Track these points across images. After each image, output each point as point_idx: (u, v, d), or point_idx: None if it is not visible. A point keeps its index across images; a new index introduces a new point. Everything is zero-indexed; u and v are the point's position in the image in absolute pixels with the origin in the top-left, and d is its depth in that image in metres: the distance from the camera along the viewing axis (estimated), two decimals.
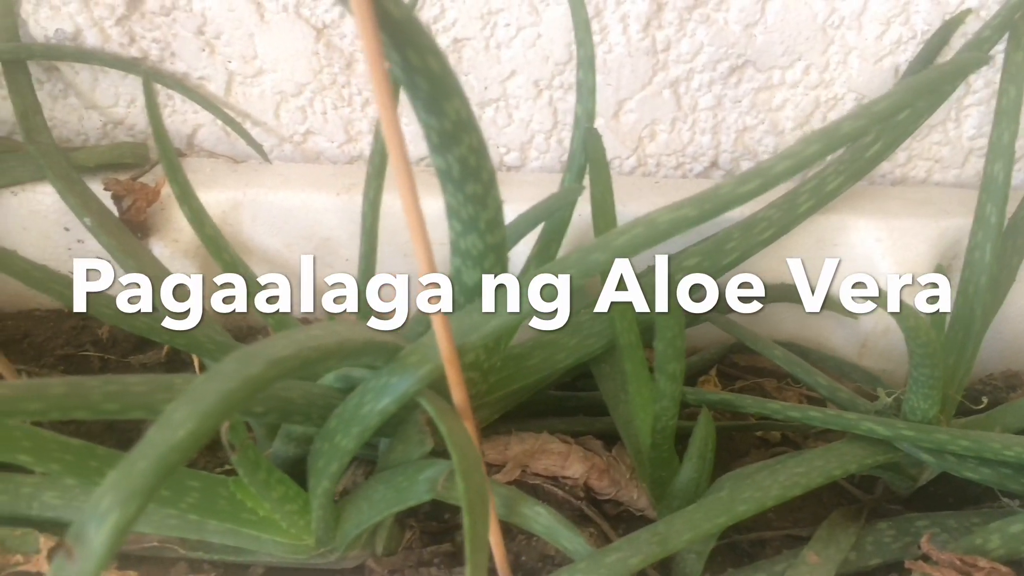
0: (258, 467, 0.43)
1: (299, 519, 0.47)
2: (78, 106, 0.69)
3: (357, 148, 0.71)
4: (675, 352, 0.45)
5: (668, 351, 0.45)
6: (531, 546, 0.53)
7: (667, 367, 0.45)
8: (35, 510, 0.49)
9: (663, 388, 0.46)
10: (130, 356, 0.66)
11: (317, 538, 0.48)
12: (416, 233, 0.35)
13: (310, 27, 0.64)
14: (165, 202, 0.65)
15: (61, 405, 0.35)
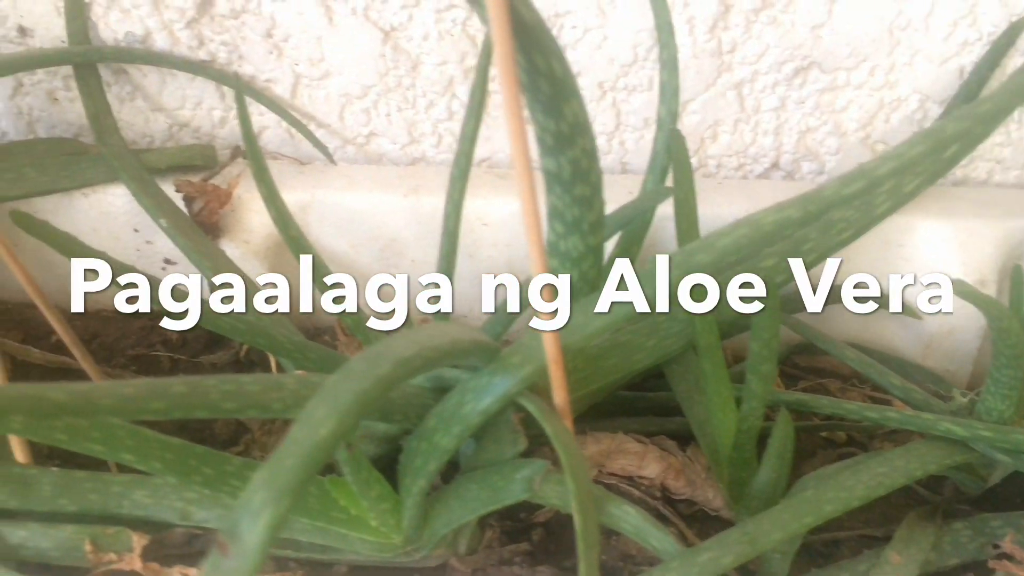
0: (361, 466, 0.43)
1: (390, 518, 0.48)
2: (144, 108, 0.70)
3: (419, 150, 0.71)
4: (770, 353, 0.45)
5: (763, 352, 0.45)
6: (611, 545, 0.54)
7: (760, 368, 0.46)
8: (125, 508, 0.50)
9: (754, 388, 0.46)
10: (200, 356, 0.66)
11: (406, 536, 0.49)
12: (533, 235, 0.35)
13: (378, 30, 0.65)
14: (235, 204, 0.65)
15: (183, 404, 0.36)
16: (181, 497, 0.50)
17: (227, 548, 0.28)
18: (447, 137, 0.70)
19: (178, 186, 0.64)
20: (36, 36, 0.67)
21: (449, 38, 0.65)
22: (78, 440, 0.42)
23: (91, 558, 0.48)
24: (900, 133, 0.68)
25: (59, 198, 0.65)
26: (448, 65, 0.66)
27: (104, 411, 0.34)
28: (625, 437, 0.57)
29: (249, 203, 0.66)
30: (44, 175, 0.64)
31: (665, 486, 0.56)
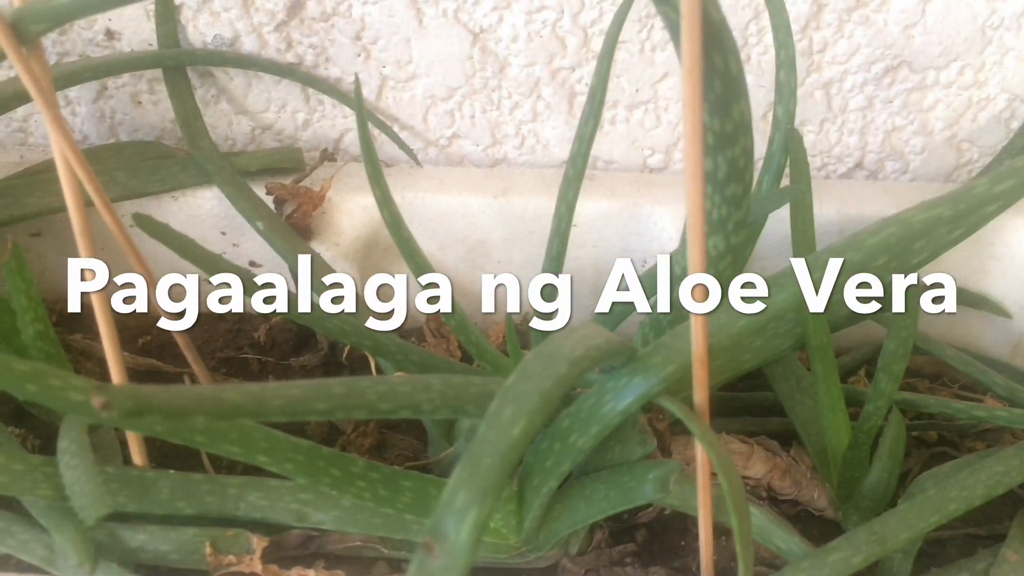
0: None
1: (513, 518, 0.48)
2: (228, 112, 0.70)
3: (501, 151, 0.71)
4: (905, 352, 0.45)
5: (899, 350, 0.45)
6: (721, 546, 0.54)
7: (893, 367, 0.45)
8: (242, 511, 0.49)
9: (883, 387, 0.46)
10: (289, 358, 0.66)
11: (525, 537, 0.49)
12: (697, 233, 0.35)
13: (467, 31, 0.65)
14: (325, 206, 0.65)
15: (344, 404, 0.36)
16: (296, 499, 0.50)
17: (433, 548, 0.28)
18: (530, 139, 0.70)
19: (270, 188, 0.64)
20: (123, 39, 0.67)
21: (538, 39, 0.65)
22: (217, 442, 0.42)
23: (211, 560, 0.48)
24: (987, 133, 0.68)
25: (148, 201, 0.65)
26: (536, 67, 0.66)
27: (274, 412, 0.34)
28: (729, 437, 0.57)
29: (339, 205, 0.66)
30: (135, 178, 0.64)
31: (771, 486, 0.56)
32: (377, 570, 0.51)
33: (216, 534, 0.48)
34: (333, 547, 0.51)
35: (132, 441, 0.49)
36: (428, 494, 0.48)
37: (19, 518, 0.48)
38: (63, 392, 0.37)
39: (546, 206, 0.66)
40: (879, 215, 0.65)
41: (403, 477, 0.48)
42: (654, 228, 0.66)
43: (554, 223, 0.52)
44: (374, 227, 0.67)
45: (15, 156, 0.69)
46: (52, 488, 0.46)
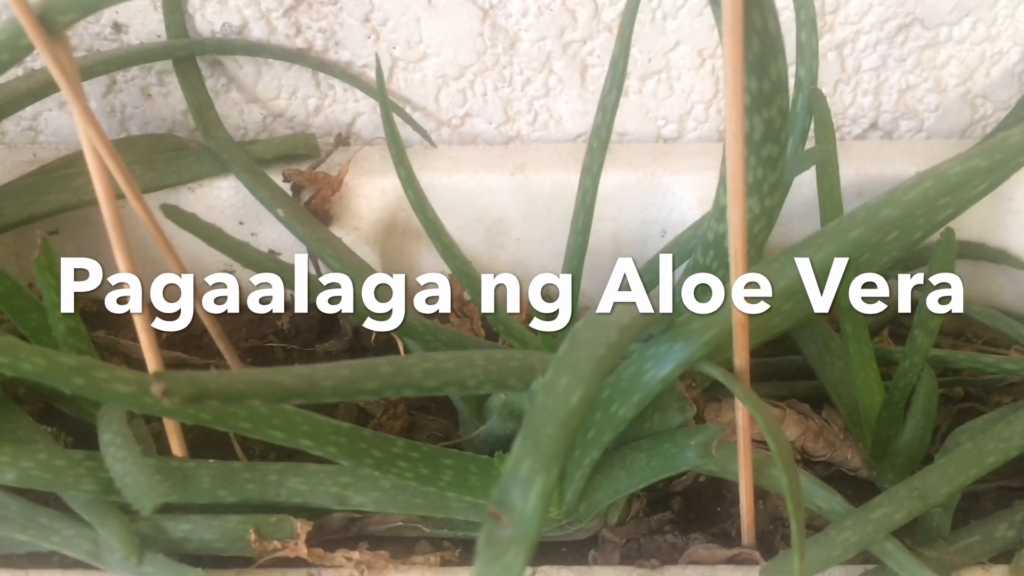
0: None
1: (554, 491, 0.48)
2: (239, 100, 0.69)
3: (514, 128, 0.71)
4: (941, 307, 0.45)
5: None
6: (759, 508, 0.54)
7: (929, 322, 0.46)
8: (283, 496, 0.50)
9: (919, 344, 0.46)
10: (314, 345, 0.66)
11: (566, 510, 0.49)
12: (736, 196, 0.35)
13: (477, 8, 0.65)
14: (343, 191, 0.65)
15: (392, 383, 0.36)
16: (336, 482, 0.50)
17: (501, 518, 0.28)
18: (543, 114, 0.70)
19: (287, 175, 0.64)
20: (131, 32, 0.66)
21: (548, 13, 0.65)
22: (261, 428, 0.42)
23: (255, 547, 0.48)
24: (1001, 87, 0.68)
25: (165, 193, 0.65)
26: (546, 41, 0.66)
27: (325, 393, 0.34)
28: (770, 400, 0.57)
29: (356, 190, 0.66)
30: (151, 171, 0.64)
31: (804, 449, 0.56)
32: (419, 549, 0.52)
33: (259, 521, 0.48)
34: (375, 528, 0.51)
35: (171, 432, 0.49)
36: (468, 471, 0.49)
37: (62, 515, 0.48)
38: (109, 384, 0.37)
39: (564, 181, 0.66)
40: (898, 175, 0.65)
41: (443, 455, 0.48)
42: (673, 198, 0.66)
43: (579, 196, 0.52)
44: (392, 210, 0.66)
45: (28, 155, 0.69)
46: (95, 482, 0.46)
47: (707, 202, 0.65)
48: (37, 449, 0.45)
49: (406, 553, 0.51)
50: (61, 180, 0.61)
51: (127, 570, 0.46)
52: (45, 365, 0.36)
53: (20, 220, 0.59)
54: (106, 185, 0.41)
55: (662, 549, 0.52)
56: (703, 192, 0.65)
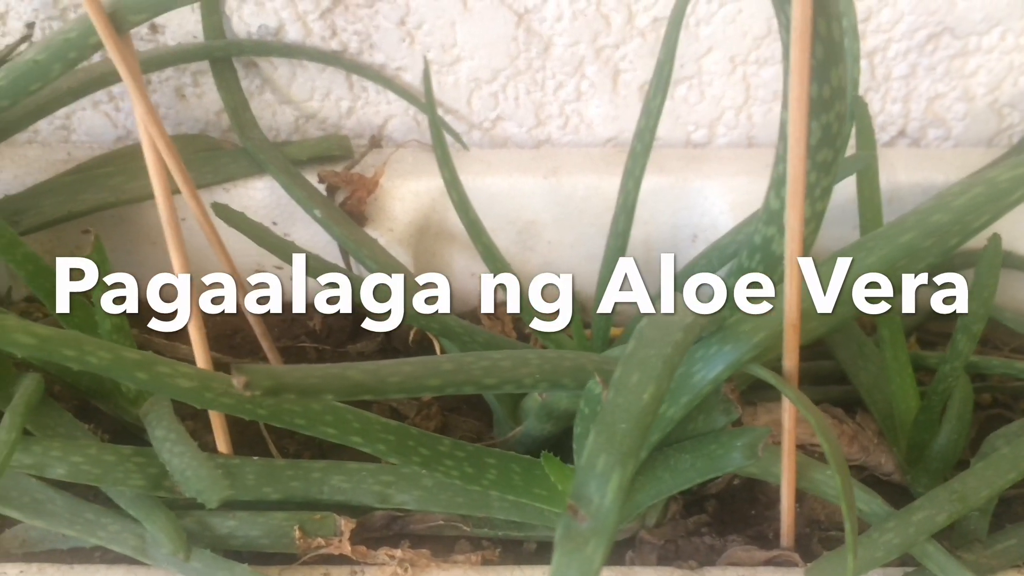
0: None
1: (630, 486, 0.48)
2: (273, 102, 0.70)
3: (545, 132, 0.71)
4: (985, 312, 0.45)
5: (980, 310, 0.46)
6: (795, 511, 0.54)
7: (972, 327, 0.46)
8: (325, 494, 0.50)
9: (960, 348, 0.47)
10: (346, 345, 0.66)
11: None
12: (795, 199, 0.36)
13: (512, 12, 0.65)
14: (377, 192, 0.65)
15: (453, 380, 0.36)
16: (378, 480, 0.50)
17: (578, 512, 0.28)
18: (574, 118, 0.70)
19: (322, 176, 0.64)
20: (167, 33, 0.67)
21: (582, 18, 0.65)
22: (314, 424, 0.42)
23: (300, 544, 0.48)
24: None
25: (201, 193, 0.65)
26: (579, 45, 0.67)
27: (392, 389, 0.34)
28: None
29: (390, 191, 0.66)
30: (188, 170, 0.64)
31: None
32: (459, 548, 0.52)
33: (304, 518, 0.49)
34: (415, 527, 0.51)
35: (217, 429, 0.49)
36: (511, 470, 0.49)
37: (107, 510, 0.48)
38: (172, 379, 0.37)
39: (597, 185, 0.67)
40: (927, 182, 0.66)
41: (487, 454, 0.48)
42: (705, 203, 0.67)
43: (620, 199, 0.52)
44: (425, 212, 0.67)
45: (62, 154, 0.69)
46: (144, 478, 0.46)
47: (740, 207, 0.65)
48: (87, 444, 0.46)
49: (446, 552, 0.51)
50: (99, 179, 0.62)
51: (174, 566, 0.46)
52: (111, 360, 0.36)
53: (58, 218, 0.60)
54: (163, 182, 0.42)
55: (700, 551, 0.52)
56: (735, 197, 0.66)
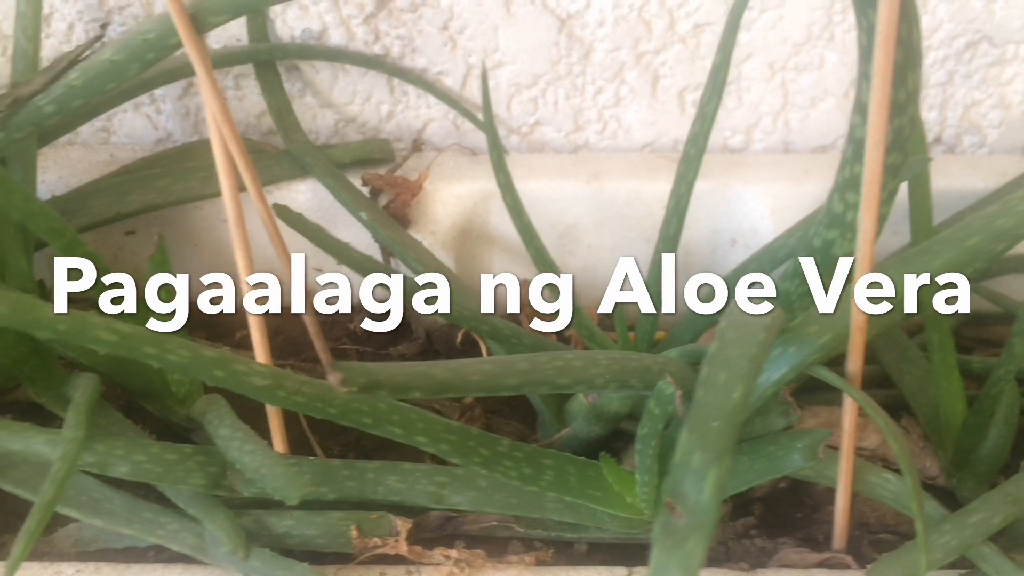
0: (652, 444, 0.44)
1: (652, 493, 0.48)
2: (314, 105, 0.70)
3: (583, 137, 0.72)
4: None
5: None
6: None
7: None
8: (380, 494, 0.50)
9: (1016, 351, 0.47)
10: (388, 348, 0.67)
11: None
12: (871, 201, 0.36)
13: (555, 18, 0.66)
14: (420, 195, 0.66)
15: (529, 380, 0.37)
16: (432, 481, 0.50)
17: (675, 508, 0.28)
18: (612, 123, 0.71)
19: (366, 179, 0.64)
20: (211, 35, 0.67)
21: (624, 24, 0.66)
22: (381, 423, 0.43)
23: (356, 543, 0.48)
24: None
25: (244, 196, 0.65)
26: (620, 51, 0.67)
27: (473, 387, 0.34)
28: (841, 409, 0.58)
29: (432, 194, 0.66)
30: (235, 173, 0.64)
31: (884, 456, 0.57)
32: (512, 549, 0.52)
33: (360, 517, 0.49)
34: (469, 528, 0.52)
35: (275, 430, 0.49)
36: (567, 472, 0.49)
37: (165, 509, 0.48)
38: (247, 377, 0.38)
39: (638, 190, 0.67)
40: (966, 188, 0.66)
41: (543, 456, 0.49)
42: (745, 208, 0.67)
43: (671, 202, 0.53)
44: (467, 215, 0.67)
45: (104, 155, 0.69)
46: (204, 477, 0.46)
47: (781, 212, 0.66)
48: (148, 443, 0.46)
49: (498, 552, 0.51)
50: (145, 180, 0.62)
51: (233, 564, 0.46)
52: (190, 357, 0.37)
53: (107, 219, 0.60)
54: (232, 181, 0.42)
55: (750, 553, 0.52)
56: (776, 202, 0.66)
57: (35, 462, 0.49)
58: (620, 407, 0.53)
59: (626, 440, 0.58)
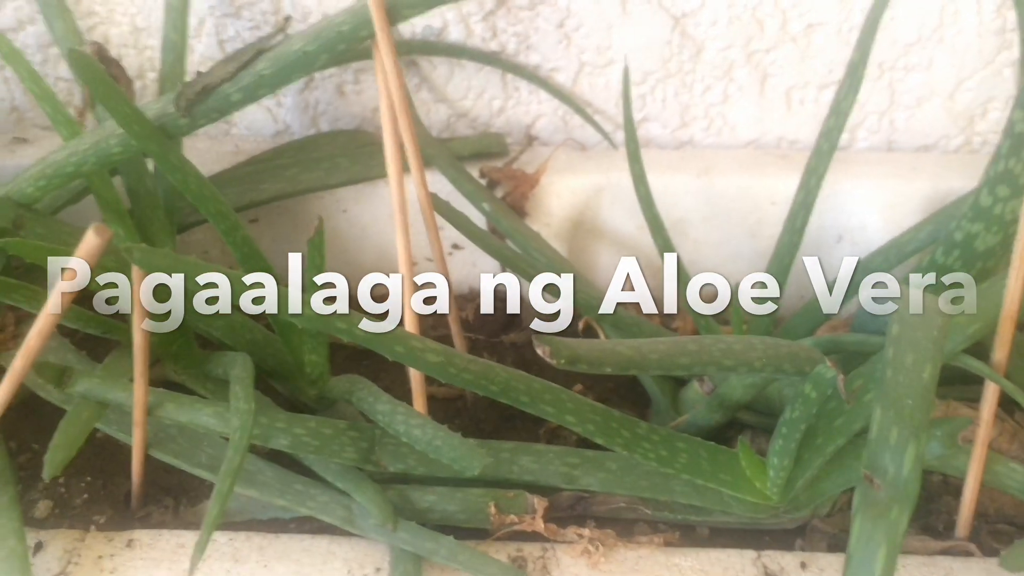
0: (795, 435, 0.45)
1: (781, 477, 0.50)
2: (428, 100, 0.72)
3: (688, 134, 0.73)
4: None
5: None
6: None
7: None
8: (515, 474, 0.52)
9: None
10: (500, 336, 0.68)
11: (789, 498, 0.51)
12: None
13: (669, 16, 0.67)
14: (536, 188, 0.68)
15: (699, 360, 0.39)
16: (565, 462, 0.52)
17: (874, 481, 0.30)
18: (718, 121, 0.72)
19: (484, 171, 0.66)
20: None
21: (737, 23, 0.67)
22: (536, 403, 0.45)
23: (494, 520, 0.50)
24: None
25: (365, 186, 0.68)
26: (732, 49, 0.69)
27: (652, 365, 0.36)
28: (956, 404, 0.59)
29: (547, 187, 0.68)
30: (356, 164, 0.67)
31: (999, 449, 0.58)
32: (638, 530, 0.54)
33: (498, 495, 0.51)
34: (597, 509, 0.53)
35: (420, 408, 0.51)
36: (699, 455, 0.51)
37: (314, 482, 0.51)
38: (422, 354, 0.40)
39: (748, 185, 0.69)
40: None
41: (677, 439, 0.50)
42: (853, 204, 0.68)
43: (799, 195, 0.54)
44: (580, 208, 0.69)
45: (230, 146, 0.72)
46: (356, 451, 0.48)
47: (891, 208, 0.67)
48: (307, 418, 0.48)
49: (626, 534, 0.53)
50: (276, 170, 0.65)
51: (381, 536, 0.48)
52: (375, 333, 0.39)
53: (241, 206, 0.63)
54: (398, 168, 0.44)
55: None
56: (885, 199, 0.67)
57: (191, 436, 0.52)
58: (743, 395, 0.54)
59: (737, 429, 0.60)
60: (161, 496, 0.56)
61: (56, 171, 0.49)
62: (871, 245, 0.67)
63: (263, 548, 0.48)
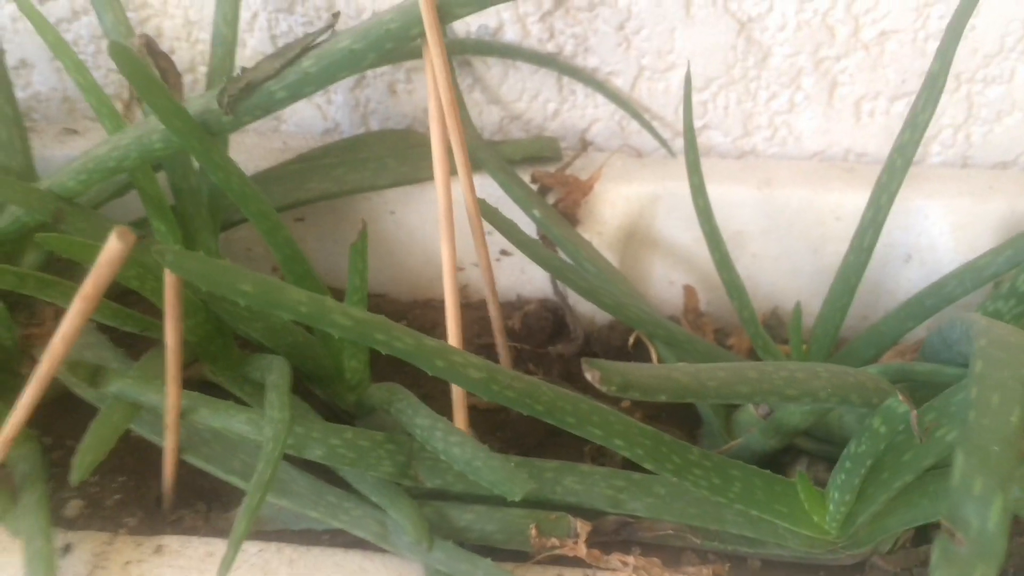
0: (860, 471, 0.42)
1: (842, 512, 0.47)
2: (481, 101, 0.70)
3: (750, 143, 0.70)
4: None
5: None
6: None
7: None
8: (558, 495, 0.50)
9: None
10: (546, 346, 0.66)
11: (849, 533, 0.48)
12: None
13: (735, 21, 0.64)
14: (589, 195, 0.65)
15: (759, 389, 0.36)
16: (610, 485, 0.50)
17: (955, 535, 0.27)
18: (782, 130, 0.69)
19: (536, 176, 0.64)
20: None
21: (807, 28, 0.64)
22: (583, 424, 0.42)
23: (535, 542, 0.48)
24: None
25: (413, 188, 0.66)
26: (799, 56, 0.65)
27: (710, 393, 0.34)
28: None
29: (601, 195, 0.66)
30: (404, 165, 0.65)
31: None
32: (685, 559, 0.51)
33: (540, 516, 0.48)
34: (643, 535, 0.51)
35: (460, 424, 0.49)
36: (754, 484, 0.48)
37: (348, 494, 0.49)
38: (464, 369, 0.38)
39: (810, 199, 0.66)
40: None
41: (731, 467, 0.48)
42: (924, 222, 0.65)
43: (869, 213, 0.51)
44: (634, 218, 0.66)
45: (278, 143, 0.71)
46: (393, 465, 0.47)
47: (963, 229, 0.63)
48: (343, 428, 0.46)
49: (673, 563, 0.50)
50: (323, 169, 0.63)
51: (415, 554, 0.46)
52: (414, 346, 0.37)
53: (286, 204, 0.61)
54: (445, 172, 0.42)
55: None
56: (958, 218, 0.63)
57: (225, 440, 0.51)
58: (800, 421, 0.51)
59: (793, 455, 0.57)
60: (193, 500, 0.54)
61: (97, 165, 0.48)
62: (941, 266, 0.64)
63: (293, 561, 0.47)
